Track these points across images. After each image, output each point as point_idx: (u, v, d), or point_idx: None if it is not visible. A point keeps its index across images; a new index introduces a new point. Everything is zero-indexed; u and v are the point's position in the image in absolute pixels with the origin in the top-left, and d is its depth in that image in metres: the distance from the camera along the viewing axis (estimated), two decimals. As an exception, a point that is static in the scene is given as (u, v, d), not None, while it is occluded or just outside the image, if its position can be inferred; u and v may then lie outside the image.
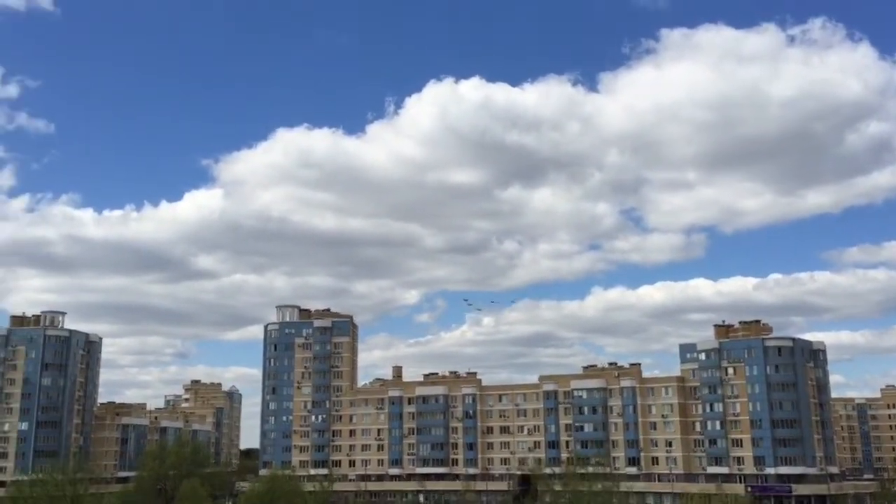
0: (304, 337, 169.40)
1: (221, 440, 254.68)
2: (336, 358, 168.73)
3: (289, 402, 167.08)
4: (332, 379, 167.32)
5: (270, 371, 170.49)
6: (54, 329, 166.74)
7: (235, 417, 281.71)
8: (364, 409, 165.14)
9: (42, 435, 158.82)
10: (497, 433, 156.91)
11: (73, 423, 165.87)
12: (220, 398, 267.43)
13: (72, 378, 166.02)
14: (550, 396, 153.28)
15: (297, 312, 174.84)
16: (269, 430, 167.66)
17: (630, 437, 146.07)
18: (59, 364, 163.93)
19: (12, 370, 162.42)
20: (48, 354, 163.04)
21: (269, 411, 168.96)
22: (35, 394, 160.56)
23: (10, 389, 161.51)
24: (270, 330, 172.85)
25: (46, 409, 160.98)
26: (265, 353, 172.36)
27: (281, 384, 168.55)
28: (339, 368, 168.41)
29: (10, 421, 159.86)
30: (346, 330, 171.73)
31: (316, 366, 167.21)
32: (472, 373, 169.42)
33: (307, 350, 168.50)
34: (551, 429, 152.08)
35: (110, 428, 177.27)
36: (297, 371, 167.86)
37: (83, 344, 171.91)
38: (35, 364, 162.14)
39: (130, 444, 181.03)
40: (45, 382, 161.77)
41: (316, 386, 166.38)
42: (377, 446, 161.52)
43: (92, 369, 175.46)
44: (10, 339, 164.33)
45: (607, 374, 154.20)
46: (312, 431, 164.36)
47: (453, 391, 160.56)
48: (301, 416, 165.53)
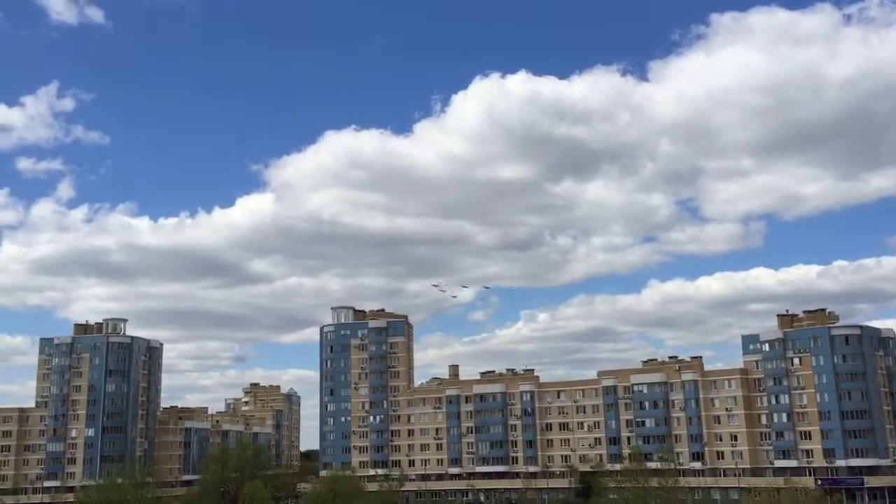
0: (360, 338, 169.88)
1: (281, 442, 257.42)
2: (392, 358, 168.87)
3: (346, 402, 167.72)
4: (389, 379, 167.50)
5: (327, 372, 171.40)
6: (117, 336, 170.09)
7: (294, 419, 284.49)
8: (422, 408, 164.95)
9: (108, 440, 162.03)
10: (556, 430, 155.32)
11: (138, 428, 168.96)
12: (278, 400, 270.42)
13: (135, 384, 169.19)
14: (610, 392, 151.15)
15: (352, 313, 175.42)
16: (328, 432, 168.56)
17: (693, 431, 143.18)
18: (122, 370, 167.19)
19: (78, 377, 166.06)
20: (111, 361, 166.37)
21: (327, 412, 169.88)
22: (100, 400, 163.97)
23: (77, 396, 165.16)
24: (326, 332, 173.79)
25: (112, 415, 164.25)
26: (321, 354, 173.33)
27: (338, 385, 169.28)
28: (396, 368, 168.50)
29: (77, 427, 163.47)
30: (401, 330, 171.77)
31: (372, 366, 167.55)
32: (529, 370, 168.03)
33: (363, 351, 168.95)
34: (611, 425, 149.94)
35: (173, 432, 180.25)
36: (353, 372, 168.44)
37: (145, 350, 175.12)
38: (99, 371, 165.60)
39: (193, 447, 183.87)
40: (110, 388, 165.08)
41: (373, 386, 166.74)
42: (436, 445, 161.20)
43: (154, 375, 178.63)
44: (75, 347, 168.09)
45: (668, 368, 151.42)
46: (371, 432, 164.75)
47: (511, 389, 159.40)
48: (359, 417, 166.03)
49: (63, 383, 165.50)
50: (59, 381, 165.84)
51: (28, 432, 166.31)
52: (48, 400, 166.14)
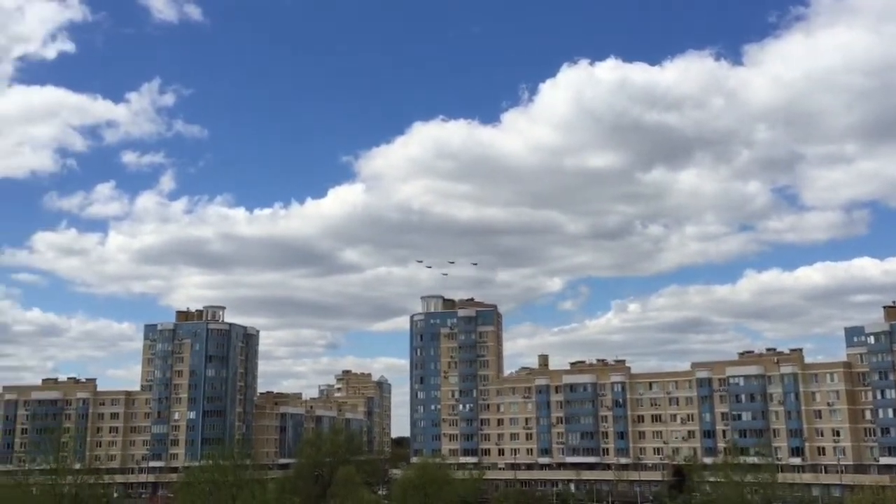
0: (450, 327, 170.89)
1: (373, 428, 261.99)
2: (481, 347, 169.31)
3: (436, 391, 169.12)
4: (479, 368, 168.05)
5: (417, 361, 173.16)
6: (216, 323, 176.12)
7: (385, 406, 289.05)
8: (511, 397, 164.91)
9: (209, 423, 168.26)
10: (648, 422, 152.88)
11: (236, 412, 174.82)
12: (370, 388, 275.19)
13: (233, 369, 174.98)
14: (704, 384, 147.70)
15: (442, 303, 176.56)
16: (419, 419, 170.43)
17: (793, 426, 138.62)
18: (221, 356, 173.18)
19: (179, 362, 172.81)
20: (211, 347, 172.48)
21: (417, 400, 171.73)
22: (201, 384, 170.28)
23: (179, 381, 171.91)
24: (416, 320, 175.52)
25: (212, 399, 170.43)
26: (412, 343, 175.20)
27: (428, 374, 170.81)
28: (485, 357, 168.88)
29: (179, 410, 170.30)
30: (491, 319, 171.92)
31: (462, 355, 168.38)
32: (621, 360, 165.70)
33: (453, 340, 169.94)
34: (706, 417, 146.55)
35: (270, 417, 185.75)
36: (443, 361, 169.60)
37: (242, 337, 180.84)
38: (200, 356, 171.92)
39: (288, 432, 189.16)
40: (210, 373, 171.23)
41: (462, 375, 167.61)
42: (525, 435, 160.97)
43: (251, 361, 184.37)
44: (177, 333, 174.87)
45: (765, 361, 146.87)
46: (461, 420, 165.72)
47: (601, 379, 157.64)
48: (449, 406, 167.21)
49: (166, 368, 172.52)
50: (162, 365, 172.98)
51: (134, 415, 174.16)
52: (152, 384, 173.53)
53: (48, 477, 63.16)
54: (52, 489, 61.31)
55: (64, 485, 62.03)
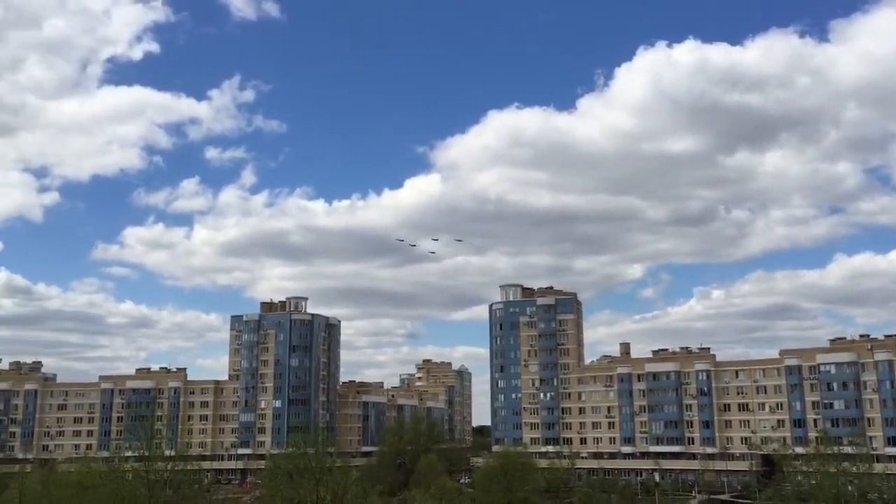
0: (529, 315, 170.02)
1: (454, 417, 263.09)
2: (561, 335, 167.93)
3: (517, 379, 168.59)
4: (559, 357, 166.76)
5: (497, 349, 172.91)
6: (299, 314, 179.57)
7: (466, 395, 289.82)
8: (592, 386, 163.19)
9: (293, 412, 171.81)
10: (735, 411, 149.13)
11: (320, 401, 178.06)
12: (450, 377, 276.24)
13: (316, 359, 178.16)
14: (793, 372, 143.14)
15: (521, 291, 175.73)
16: (499, 408, 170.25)
17: (888, 414, 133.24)
18: (304, 346, 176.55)
19: (265, 352, 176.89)
20: (294, 337, 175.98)
21: (497, 389, 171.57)
22: (285, 374, 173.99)
23: (264, 370, 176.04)
24: (495, 309, 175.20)
25: (296, 388, 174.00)
26: (491, 332, 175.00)
27: (508, 362, 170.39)
28: (565, 346, 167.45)
29: (265, 399, 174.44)
30: (570, 307, 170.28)
31: (542, 343, 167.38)
32: (705, 348, 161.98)
33: (532, 328, 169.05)
34: (796, 406, 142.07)
35: (352, 405, 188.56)
36: (523, 349, 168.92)
37: (324, 327, 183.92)
38: (284, 346, 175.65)
39: (371, 420, 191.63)
40: (294, 363, 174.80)
41: (543, 364, 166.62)
42: (608, 424, 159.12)
43: (333, 350, 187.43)
44: (262, 324, 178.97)
45: (858, 347, 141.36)
46: (542, 409, 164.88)
47: (685, 367, 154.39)
48: (530, 394, 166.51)
49: (252, 358, 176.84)
50: (248, 355, 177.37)
51: (223, 403, 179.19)
52: (239, 373, 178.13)
53: (142, 463, 65.36)
54: (146, 475, 63.40)
55: (157, 471, 64.08)
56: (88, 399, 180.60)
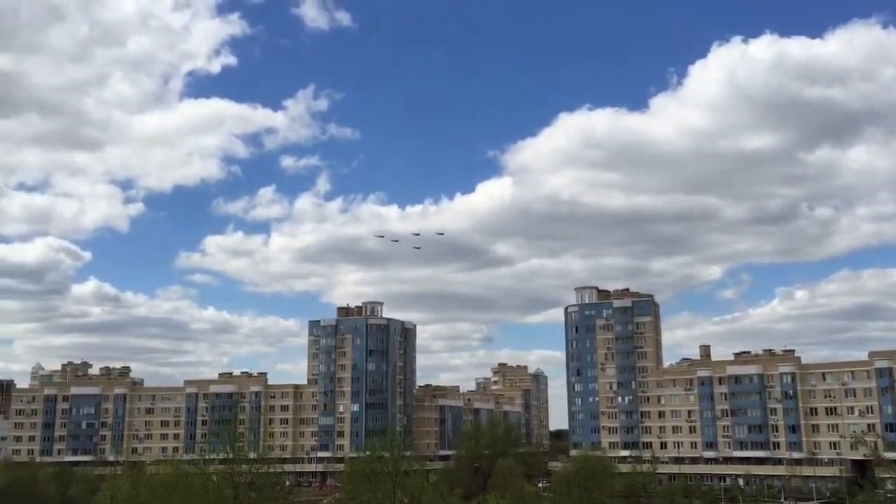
0: (605, 318, 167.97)
1: (531, 421, 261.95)
2: (639, 338, 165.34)
3: (594, 383, 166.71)
4: (637, 359, 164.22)
5: (573, 353, 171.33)
6: (375, 318, 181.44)
7: (543, 399, 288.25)
8: (672, 389, 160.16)
9: (371, 415, 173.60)
10: (822, 415, 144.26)
11: (397, 405, 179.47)
12: (526, 380, 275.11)
13: (392, 363, 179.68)
14: (884, 374, 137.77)
15: (596, 293, 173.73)
16: (577, 412, 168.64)
17: None
18: (381, 350, 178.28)
19: (342, 357, 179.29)
20: (371, 342, 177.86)
21: (574, 393, 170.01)
22: (363, 378, 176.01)
23: (342, 374, 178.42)
24: (570, 312, 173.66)
25: (373, 392, 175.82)
26: (567, 335, 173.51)
27: (585, 366, 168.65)
28: (643, 348, 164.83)
29: (343, 403, 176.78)
30: (648, 309, 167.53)
31: (619, 346, 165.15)
32: (789, 350, 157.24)
33: (609, 331, 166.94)
34: (887, 410, 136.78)
35: (429, 409, 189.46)
36: (599, 352, 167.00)
37: (400, 331, 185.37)
38: (361, 351, 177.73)
39: (447, 424, 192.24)
40: (371, 367, 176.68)
41: (620, 367, 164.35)
42: (688, 428, 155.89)
43: (409, 354, 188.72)
44: (339, 329, 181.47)
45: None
46: (620, 413, 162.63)
47: (769, 370, 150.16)
48: (607, 398, 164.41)
49: (330, 362, 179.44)
50: (326, 360, 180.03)
51: (302, 407, 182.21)
52: (318, 377, 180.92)
53: (226, 465, 66.91)
54: (230, 477, 64.85)
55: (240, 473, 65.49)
56: (174, 403, 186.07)
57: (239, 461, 65.58)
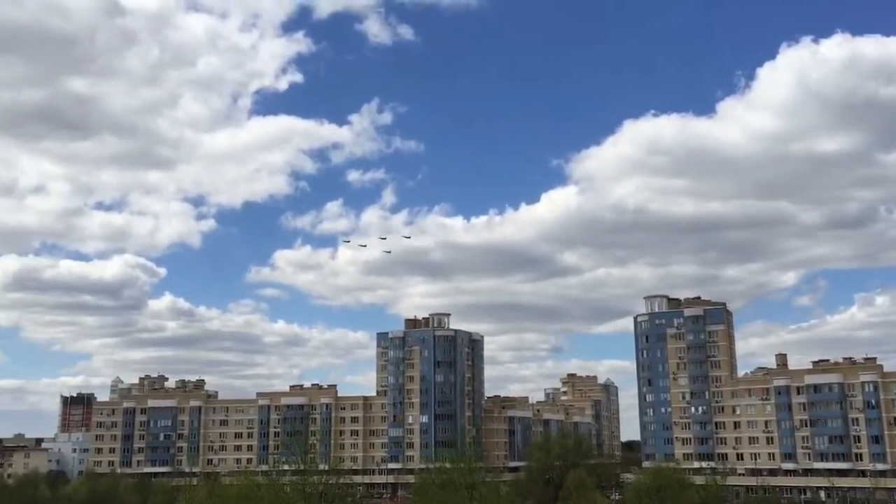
0: (676, 327, 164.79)
1: (602, 432, 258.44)
2: (711, 347, 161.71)
3: (666, 393, 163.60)
4: (710, 369, 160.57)
5: (644, 363, 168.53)
6: (442, 329, 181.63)
7: (613, 409, 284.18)
8: (747, 399, 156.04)
9: (440, 427, 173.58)
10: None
11: (466, 416, 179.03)
12: (596, 391, 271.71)
13: (460, 374, 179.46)
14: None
15: (666, 302, 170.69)
16: (649, 422, 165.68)
17: None
18: (448, 362, 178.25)
19: (410, 368, 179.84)
20: (439, 353, 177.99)
21: (646, 403, 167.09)
22: (431, 389, 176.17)
23: (410, 386, 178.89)
24: (640, 321, 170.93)
25: (442, 403, 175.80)
26: (637, 344, 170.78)
27: (656, 375, 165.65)
28: (716, 358, 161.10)
29: (412, 414, 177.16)
30: (720, 318, 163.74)
31: (691, 356, 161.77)
32: (871, 358, 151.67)
33: (680, 340, 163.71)
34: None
35: (498, 420, 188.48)
36: (671, 362, 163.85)
37: (467, 342, 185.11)
38: (429, 362, 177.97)
39: (517, 435, 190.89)
40: (439, 379, 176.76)
41: (693, 377, 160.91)
42: (766, 439, 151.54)
43: (477, 366, 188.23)
44: (407, 341, 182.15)
45: None
46: (693, 423, 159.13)
47: (850, 379, 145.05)
48: (680, 408, 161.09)
49: (398, 374, 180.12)
50: (395, 371, 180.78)
51: (372, 418, 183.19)
52: (387, 389, 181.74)
53: (299, 476, 67.64)
54: (302, 488, 65.56)
55: (312, 484, 66.13)
56: (247, 415, 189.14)
57: (311, 472, 66.27)
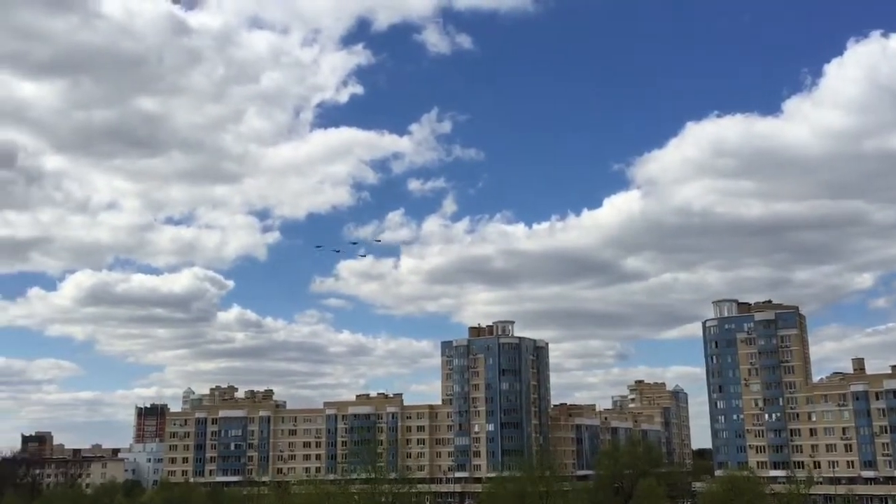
0: (747, 332, 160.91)
1: (672, 440, 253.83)
2: (784, 352, 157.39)
3: (737, 400, 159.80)
4: (783, 375, 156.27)
5: (714, 369, 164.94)
6: (506, 337, 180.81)
7: (683, 417, 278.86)
8: (823, 405, 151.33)
9: (506, 435, 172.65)
10: None
11: (532, 424, 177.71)
12: (665, 398, 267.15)
13: (526, 382, 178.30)
14: None
15: (736, 306, 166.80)
16: (720, 430, 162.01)
17: None
18: (513, 370, 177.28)
19: (475, 377, 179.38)
20: (503, 361, 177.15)
21: (717, 410, 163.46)
22: (496, 398, 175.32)
23: (476, 394, 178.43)
24: (709, 326, 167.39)
25: (508, 412, 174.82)
26: (706, 350, 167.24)
27: (727, 382, 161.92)
28: (789, 363, 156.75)
29: (478, 423, 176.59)
30: (793, 321, 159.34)
31: (763, 361, 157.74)
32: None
33: (751, 345, 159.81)
34: None
35: (565, 428, 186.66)
36: (742, 368, 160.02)
37: (532, 350, 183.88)
38: (493, 371, 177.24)
39: (585, 443, 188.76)
40: (504, 387, 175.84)
41: (765, 383, 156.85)
42: (844, 446, 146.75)
43: (542, 373, 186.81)
44: (471, 349, 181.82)
45: None
46: (767, 431, 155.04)
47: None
48: (753, 415, 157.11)
49: (463, 382, 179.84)
50: (459, 380, 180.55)
51: (438, 427, 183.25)
52: (452, 397, 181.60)
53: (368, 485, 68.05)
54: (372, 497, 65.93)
55: (382, 493, 66.46)
56: (315, 424, 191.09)
57: (381, 481, 66.60)
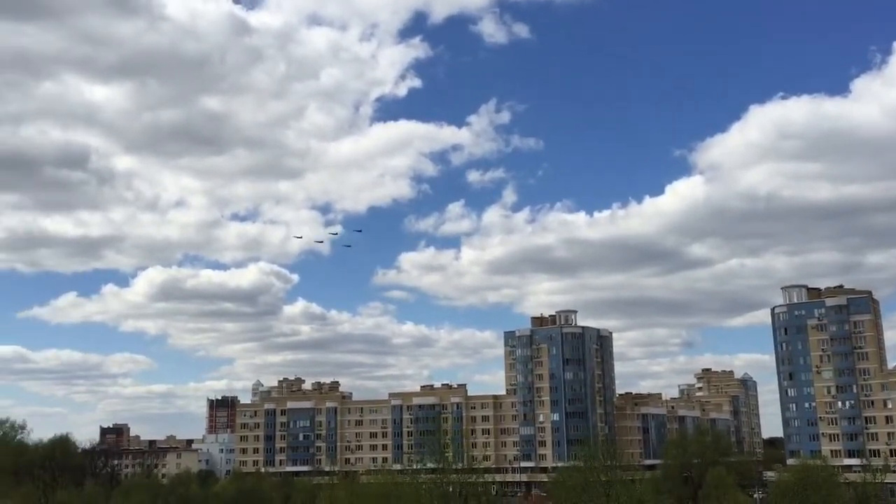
0: (817, 318, 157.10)
1: (741, 428, 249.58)
2: (857, 338, 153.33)
3: (808, 387, 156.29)
4: (856, 361, 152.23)
5: (784, 356, 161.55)
6: (569, 327, 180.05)
7: (752, 405, 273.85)
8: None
9: (571, 424, 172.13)
10: None
11: (597, 414, 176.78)
12: (733, 386, 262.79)
13: (590, 371, 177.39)
14: None
15: (806, 292, 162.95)
16: (791, 418, 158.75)
17: None
18: (577, 359, 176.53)
19: (539, 366, 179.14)
20: (566, 350, 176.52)
21: (788, 398, 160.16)
22: (560, 387, 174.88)
23: (540, 384, 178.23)
24: (778, 313, 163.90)
25: (572, 401, 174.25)
26: (775, 337, 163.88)
27: (797, 369, 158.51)
28: (863, 349, 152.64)
29: (543, 413, 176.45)
30: (866, 307, 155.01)
31: (835, 348, 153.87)
32: None
33: (822, 332, 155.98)
34: None
35: (630, 417, 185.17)
36: (813, 354, 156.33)
37: (595, 339, 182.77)
38: (557, 360, 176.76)
39: (651, 432, 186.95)
40: (568, 376, 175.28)
41: (838, 369, 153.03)
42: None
43: (606, 362, 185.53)
44: (534, 339, 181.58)
45: None
46: (841, 419, 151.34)
47: None
48: (825, 403, 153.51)
49: (527, 372, 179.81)
50: (523, 370, 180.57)
51: (502, 417, 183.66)
52: (516, 388, 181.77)
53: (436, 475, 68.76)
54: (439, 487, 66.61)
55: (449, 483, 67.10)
56: (381, 415, 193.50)
57: (448, 471, 67.24)
